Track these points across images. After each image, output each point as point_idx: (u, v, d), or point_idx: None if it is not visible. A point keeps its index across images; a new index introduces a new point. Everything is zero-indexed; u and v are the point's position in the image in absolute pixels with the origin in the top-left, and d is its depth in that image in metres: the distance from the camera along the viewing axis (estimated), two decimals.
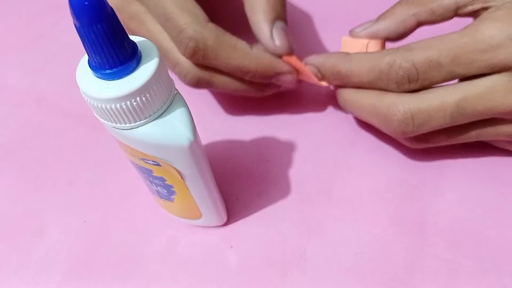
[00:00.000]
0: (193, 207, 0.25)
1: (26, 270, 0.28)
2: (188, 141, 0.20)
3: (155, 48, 0.19)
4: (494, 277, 0.25)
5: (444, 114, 0.25)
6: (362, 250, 0.27)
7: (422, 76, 0.25)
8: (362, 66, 0.27)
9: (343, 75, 0.28)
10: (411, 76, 0.25)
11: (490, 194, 0.29)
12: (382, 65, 0.26)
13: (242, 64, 0.28)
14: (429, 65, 0.25)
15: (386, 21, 0.29)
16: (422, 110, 0.25)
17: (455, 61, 0.24)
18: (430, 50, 0.25)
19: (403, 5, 0.28)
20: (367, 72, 0.27)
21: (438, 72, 0.25)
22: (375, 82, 0.27)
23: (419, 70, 0.25)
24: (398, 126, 0.26)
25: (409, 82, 0.26)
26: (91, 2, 0.15)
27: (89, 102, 0.18)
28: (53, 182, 0.32)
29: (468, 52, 0.24)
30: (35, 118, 0.36)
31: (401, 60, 0.25)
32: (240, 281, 0.26)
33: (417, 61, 0.25)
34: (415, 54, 0.25)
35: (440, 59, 0.25)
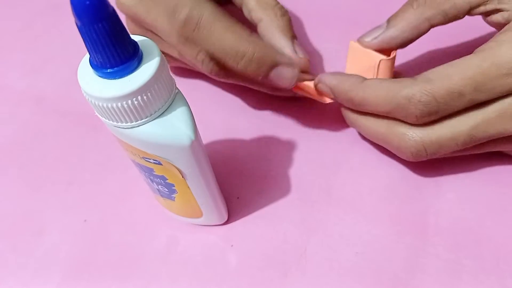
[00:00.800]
0: (194, 206, 0.25)
1: (25, 271, 0.27)
2: (189, 140, 0.20)
3: (156, 47, 0.19)
4: (495, 277, 0.25)
5: (456, 143, 0.25)
6: (362, 250, 0.27)
7: (443, 108, 0.24)
8: (378, 96, 0.26)
9: (356, 103, 0.27)
10: (432, 110, 0.24)
11: (491, 194, 0.29)
12: (399, 99, 0.25)
13: (236, 46, 0.26)
14: (451, 97, 0.24)
15: (398, 28, 0.28)
16: (434, 141, 0.25)
17: (477, 89, 0.24)
18: (451, 81, 0.24)
19: (415, 9, 0.27)
20: (383, 103, 0.26)
21: (460, 102, 0.24)
22: (391, 113, 0.26)
23: (439, 103, 0.24)
24: (411, 156, 0.26)
25: (429, 115, 0.25)
26: (92, 1, 0.15)
27: (90, 101, 0.18)
28: (52, 182, 0.32)
29: (490, 79, 0.23)
30: (34, 118, 0.36)
31: (421, 93, 0.24)
32: (240, 280, 0.26)
33: (438, 94, 0.24)
34: (435, 86, 0.24)
35: (462, 89, 0.24)
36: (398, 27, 0.28)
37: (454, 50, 0.36)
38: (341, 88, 0.28)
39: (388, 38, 0.28)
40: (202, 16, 0.26)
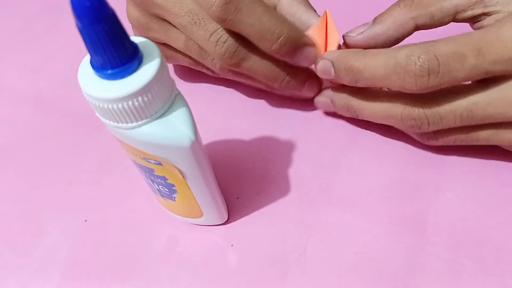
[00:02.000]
0: (194, 206, 0.25)
1: (25, 271, 0.27)
2: (189, 141, 0.20)
3: (156, 48, 0.19)
4: (495, 277, 0.25)
5: (455, 116, 0.25)
6: (362, 249, 0.27)
7: (444, 69, 0.23)
8: (377, 60, 0.26)
9: (356, 70, 0.27)
10: (431, 68, 0.23)
11: (491, 193, 0.29)
12: (398, 57, 0.24)
13: (274, 27, 0.27)
14: (453, 57, 0.23)
15: (384, 24, 0.28)
16: (434, 112, 0.26)
17: (480, 53, 0.23)
18: (455, 42, 0.24)
19: (402, 8, 0.27)
20: (382, 64, 0.25)
21: (462, 65, 0.23)
22: (389, 76, 0.25)
23: (441, 61, 0.23)
24: (414, 125, 0.27)
25: (428, 75, 0.24)
26: (93, 2, 0.15)
27: (91, 102, 0.18)
28: (52, 183, 0.32)
29: (494, 47, 0.23)
30: (33, 118, 0.36)
31: (421, 51, 0.24)
32: (240, 280, 0.26)
33: (440, 52, 0.23)
34: (437, 45, 0.24)
35: (465, 51, 0.23)
36: (383, 24, 0.28)
37: None
38: (342, 58, 0.28)
39: (373, 34, 0.28)
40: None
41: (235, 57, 0.29)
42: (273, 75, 0.30)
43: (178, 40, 0.30)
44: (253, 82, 0.33)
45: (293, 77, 0.31)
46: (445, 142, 0.28)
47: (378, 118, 0.29)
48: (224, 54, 0.28)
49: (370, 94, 0.29)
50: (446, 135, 0.28)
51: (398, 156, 0.31)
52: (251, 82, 0.33)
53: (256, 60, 0.29)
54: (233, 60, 0.29)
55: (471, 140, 0.28)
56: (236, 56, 0.29)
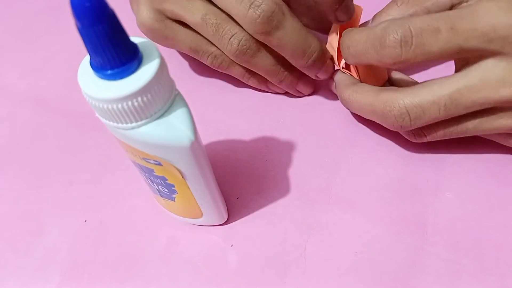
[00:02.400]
0: (194, 206, 0.25)
1: (25, 271, 0.27)
2: (189, 141, 0.20)
3: (156, 49, 0.19)
4: (495, 277, 0.25)
5: (439, 107, 0.25)
6: (362, 249, 0.27)
7: (417, 41, 0.24)
8: (360, 34, 0.27)
9: (345, 46, 0.28)
10: (404, 39, 0.24)
11: (491, 193, 0.29)
12: (376, 30, 0.25)
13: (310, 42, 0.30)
14: (426, 29, 0.24)
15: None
16: (416, 104, 0.26)
17: (454, 28, 0.23)
18: (430, 18, 0.24)
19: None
20: (363, 39, 0.26)
21: (435, 38, 0.24)
22: (368, 50, 0.26)
23: (414, 33, 0.24)
24: (395, 121, 0.27)
25: (401, 47, 0.24)
26: (92, 3, 0.15)
27: (90, 102, 0.18)
28: (52, 183, 0.32)
29: (468, 23, 0.23)
30: (33, 118, 0.36)
31: (397, 24, 0.24)
32: (240, 280, 0.26)
33: (414, 25, 0.24)
34: (412, 19, 0.24)
35: (439, 25, 0.24)
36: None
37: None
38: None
39: None
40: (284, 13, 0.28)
41: (269, 22, 0.28)
42: (303, 47, 0.30)
43: (196, 14, 0.30)
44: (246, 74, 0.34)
45: (290, 72, 0.33)
46: (434, 137, 0.28)
47: (363, 113, 0.29)
48: (257, 18, 0.27)
49: (359, 88, 0.29)
50: (433, 130, 0.28)
51: (398, 156, 0.31)
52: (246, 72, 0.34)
53: (288, 30, 0.29)
54: (266, 26, 0.28)
55: (460, 132, 0.27)
56: (270, 22, 0.28)
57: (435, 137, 0.28)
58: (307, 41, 0.29)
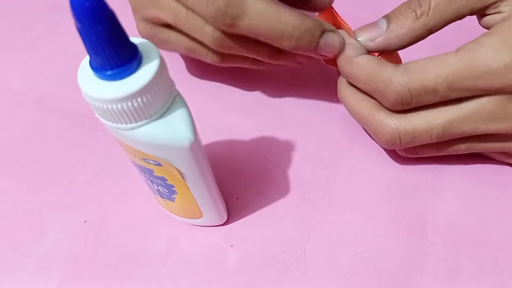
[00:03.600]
0: (194, 207, 0.25)
1: (25, 271, 0.28)
2: (189, 141, 0.20)
3: (155, 49, 0.19)
4: (494, 276, 0.25)
5: (430, 135, 0.26)
6: (361, 249, 0.27)
7: (416, 100, 0.25)
8: (361, 75, 0.27)
9: (344, 74, 0.28)
10: (405, 100, 0.25)
11: (490, 193, 0.29)
12: (378, 82, 0.26)
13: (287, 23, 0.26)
14: (425, 91, 0.25)
15: (397, 35, 0.27)
16: (408, 131, 0.27)
17: (450, 87, 0.25)
18: (427, 76, 0.25)
19: (418, 18, 0.26)
20: (364, 81, 0.27)
21: (433, 96, 0.25)
22: (370, 92, 0.27)
23: (413, 95, 0.25)
24: (386, 143, 0.28)
25: (402, 105, 0.26)
26: (92, 3, 0.15)
27: (90, 103, 0.18)
28: (53, 183, 0.32)
29: (464, 79, 0.24)
30: (35, 118, 0.36)
31: (397, 83, 0.25)
32: (240, 280, 0.26)
33: (413, 87, 0.25)
34: (411, 79, 0.25)
35: (436, 85, 0.25)
36: (397, 34, 0.27)
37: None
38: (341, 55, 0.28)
39: (386, 44, 0.27)
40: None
41: (228, 15, 0.26)
42: (278, 29, 0.26)
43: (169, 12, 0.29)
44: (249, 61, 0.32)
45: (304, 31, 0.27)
46: (426, 154, 0.29)
47: (356, 119, 0.29)
48: (215, 12, 0.26)
49: (357, 94, 0.29)
50: (425, 150, 0.29)
51: (397, 156, 0.31)
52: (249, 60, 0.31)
53: (253, 15, 0.26)
54: (226, 19, 0.26)
55: (452, 152, 0.28)
56: (229, 13, 0.26)
57: (426, 154, 0.29)
58: (281, 21, 0.26)
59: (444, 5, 0.26)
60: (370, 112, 0.28)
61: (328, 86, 0.35)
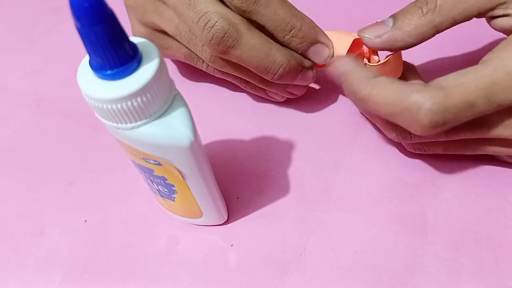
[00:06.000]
0: (194, 206, 0.25)
1: (25, 271, 0.28)
2: (189, 141, 0.20)
3: (155, 49, 0.19)
4: (494, 276, 0.25)
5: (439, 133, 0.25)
6: (361, 249, 0.27)
7: (452, 118, 0.23)
8: (384, 97, 0.24)
9: (360, 98, 0.25)
10: (440, 120, 0.23)
11: (490, 193, 0.29)
12: (409, 103, 0.23)
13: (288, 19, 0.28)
14: (463, 107, 0.22)
15: (405, 32, 0.26)
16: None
17: (490, 99, 0.23)
18: (466, 90, 0.22)
19: (424, 15, 0.26)
20: (389, 105, 0.24)
21: (470, 113, 0.23)
22: (394, 117, 0.24)
23: (451, 113, 0.23)
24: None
25: (436, 127, 0.23)
26: (92, 3, 0.15)
27: (90, 103, 0.18)
28: (53, 183, 0.32)
29: (503, 89, 0.22)
30: (34, 118, 0.36)
31: (433, 100, 0.22)
32: (240, 280, 0.26)
33: (451, 103, 0.22)
34: (449, 94, 0.22)
35: (476, 99, 0.22)
36: (403, 30, 0.26)
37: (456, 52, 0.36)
38: (350, 80, 0.26)
39: (392, 40, 0.27)
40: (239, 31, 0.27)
41: (223, 43, 0.27)
42: (265, 64, 0.28)
43: (171, 23, 0.30)
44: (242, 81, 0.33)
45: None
46: (433, 151, 0.29)
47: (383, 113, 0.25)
48: (211, 39, 0.27)
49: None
50: (433, 147, 0.28)
51: (397, 156, 0.31)
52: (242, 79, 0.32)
53: (245, 48, 0.28)
54: (220, 47, 0.27)
55: (459, 151, 0.28)
56: (224, 42, 0.27)
57: (434, 151, 0.29)
58: (269, 57, 0.28)
59: (451, 3, 0.25)
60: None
61: (328, 86, 0.35)
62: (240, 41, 0.27)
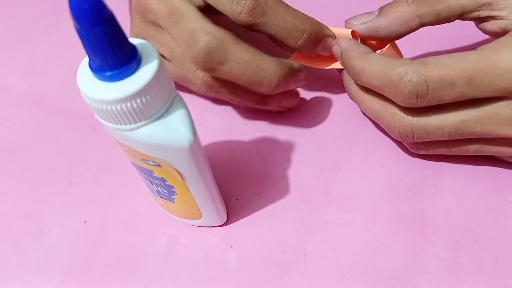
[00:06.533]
0: (194, 207, 0.25)
1: (25, 271, 0.28)
2: (188, 142, 0.20)
3: (155, 50, 0.19)
4: (494, 276, 0.25)
5: (442, 133, 0.26)
6: (361, 249, 0.27)
7: (432, 94, 0.24)
8: (375, 70, 0.26)
9: (355, 71, 0.27)
10: (420, 92, 0.24)
11: (490, 193, 0.29)
12: (393, 74, 0.25)
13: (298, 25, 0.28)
14: (442, 84, 0.24)
15: (388, 18, 0.28)
16: (421, 127, 0.26)
17: (470, 83, 0.24)
18: (446, 69, 0.24)
19: (409, 4, 0.27)
20: (378, 77, 0.26)
21: (450, 92, 0.24)
22: (382, 88, 0.26)
23: (430, 87, 0.24)
24: (399, 135, 0.27)
25: (416, 98, 0.25)
26: (91, 5, 0.15)
27: (90, 104, 0.18)
28: (52, 183, 0.32)
29: (485, 76, 0.23)
30: (34, 119, 0.36)
31: (414, 73, 0.24)
32: (240, 280, 0.26)
33: (430, 78, 0.24)
34: (429, 70, 0.24)
35: (455, 79, 0.24)
36: (388, 17, 0.28)
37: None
38: (348, 54, 0.28)
39: (376, 27, 0.28)
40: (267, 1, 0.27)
41: (210, 60, 0.27)
42: (258, 77, 0.28)
43: (166, 48, 0.30)
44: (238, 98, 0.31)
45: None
46: (436, 152, 0.29)
47: (368, 114, 0.29)
48: (196, 56, 0.27)
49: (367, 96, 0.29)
50: (436, 147, 0.28)
51: (397, 156, 0.31)
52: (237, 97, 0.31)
53: (234, 63, 0.27)
54: (208, 64, 0.27)
55: (461, 152, 0.28)
56: (211, 59, 0.27)
57: (436, 152, 0.29)
58: (261, 71, 0.28)
59: None
60: (383, 105, 0.27)
61: (328, 86, 0.35)
62: (228, 56, 0.27)
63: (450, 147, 0.28)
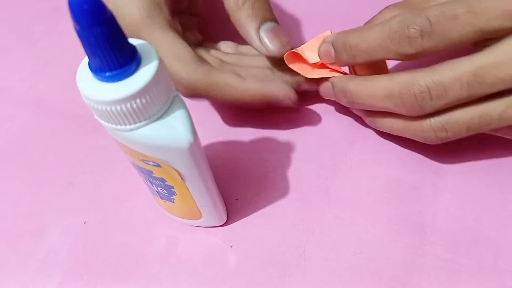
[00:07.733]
0: (193, 208, 0.25)
1: (25, 272, 0.28)
2: (188, 143, 0.20)
3: (154, 51, 0.19)
4: (494, 276, 0.25)
5: (461, 84, 0.24)
6: (361, 250, 0.27)
7: (436, 28, 0.23)
8: (371, 31, 0.26)
9: (353, 44, 0.27)
10: (423, 28, 0.24)
11: (489, 193, 0.29)
12: (392, 24, 0.25)
13: (235, 97, 0.29)
14: (444, 16, 0.23)
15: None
16: (437, 82, 0.24)
17: (471, 11, 0.23)
18: (445, 5, 0.24)
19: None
20: (377, 34, 0.26)
21: (454, 23, 0.23)
22: (385, 44, 0.25)
23: (432, 21, 0.23)
24: (415, 101, 0.25)
25: (421, 36, 0.24)
26: (91, 5, 0.15)
27: (89, 104, 0.18)
28: (52, 184, 0.32)
29: (487, 2, 0.22)
30: (34, 120, 0.36)
31: (413, 15, 0.24)
32: (239, 281, 0.26)
33: (430, 13, 0.24)
34: (428, 8, 0.24)
35: (456, 10, 0.23)
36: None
37: None
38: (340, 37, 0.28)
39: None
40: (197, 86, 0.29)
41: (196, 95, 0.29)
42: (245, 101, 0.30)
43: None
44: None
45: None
46: (456, 132, 0.26)
47: (375, 101, 0.27)
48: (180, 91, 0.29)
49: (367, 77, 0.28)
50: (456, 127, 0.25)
51: (396, 156, 0.31)
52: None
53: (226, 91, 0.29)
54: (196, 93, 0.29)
55: (484, 124, 0.25)
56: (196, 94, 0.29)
57: (457, 132, 0.26)
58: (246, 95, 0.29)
59: None
60: (390, 79, 0.26)
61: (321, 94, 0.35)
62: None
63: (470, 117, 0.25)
